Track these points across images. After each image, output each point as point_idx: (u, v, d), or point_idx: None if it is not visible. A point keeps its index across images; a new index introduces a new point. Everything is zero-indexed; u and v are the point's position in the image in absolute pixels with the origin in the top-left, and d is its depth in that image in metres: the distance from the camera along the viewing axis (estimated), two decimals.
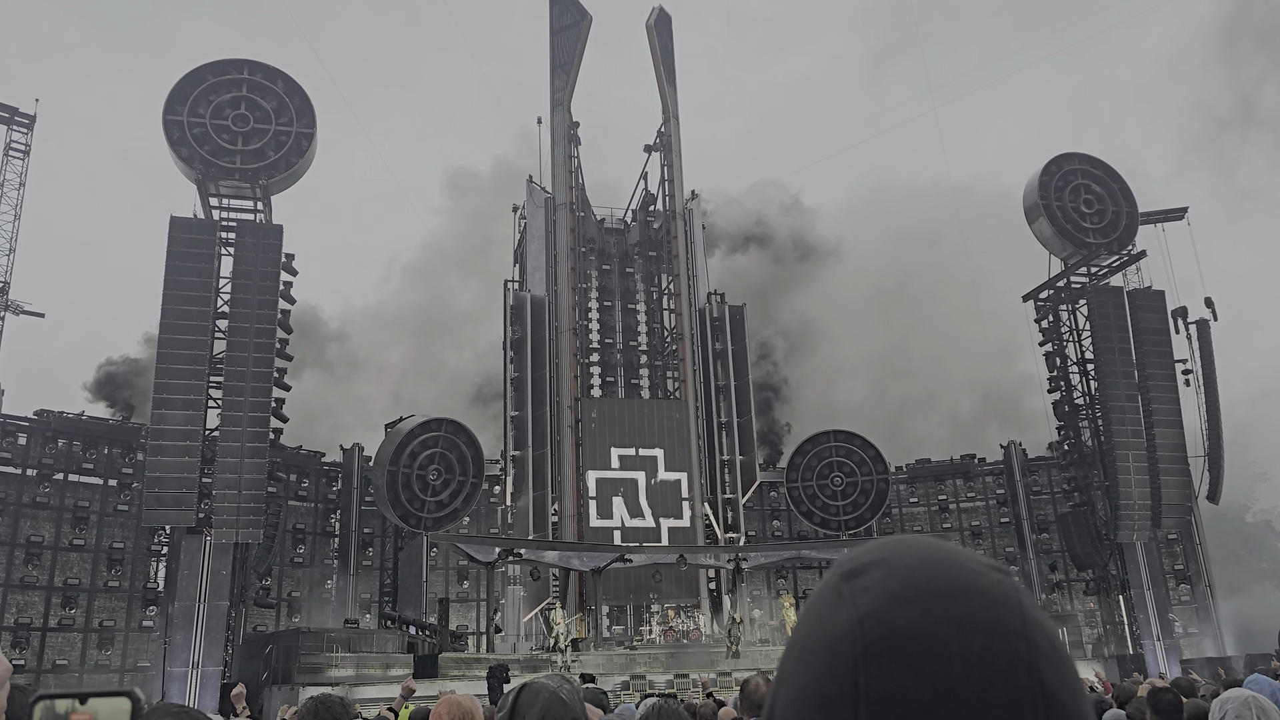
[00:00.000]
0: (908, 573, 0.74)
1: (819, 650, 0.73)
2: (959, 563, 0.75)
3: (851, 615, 0.72)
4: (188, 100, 34.90)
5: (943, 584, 0.72)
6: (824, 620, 0.75)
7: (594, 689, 9.87)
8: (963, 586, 0.72)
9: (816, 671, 0.72)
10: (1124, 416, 40.65)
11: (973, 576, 0.73)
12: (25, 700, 3.09)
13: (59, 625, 36.81)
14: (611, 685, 27.68)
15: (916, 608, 0.70)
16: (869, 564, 0.76)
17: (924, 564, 0.74)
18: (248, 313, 33.71)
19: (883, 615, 0.71)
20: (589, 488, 42.08)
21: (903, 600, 0.71)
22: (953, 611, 0.70)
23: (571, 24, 46.93)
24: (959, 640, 0.68)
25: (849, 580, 0.76)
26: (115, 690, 0.87)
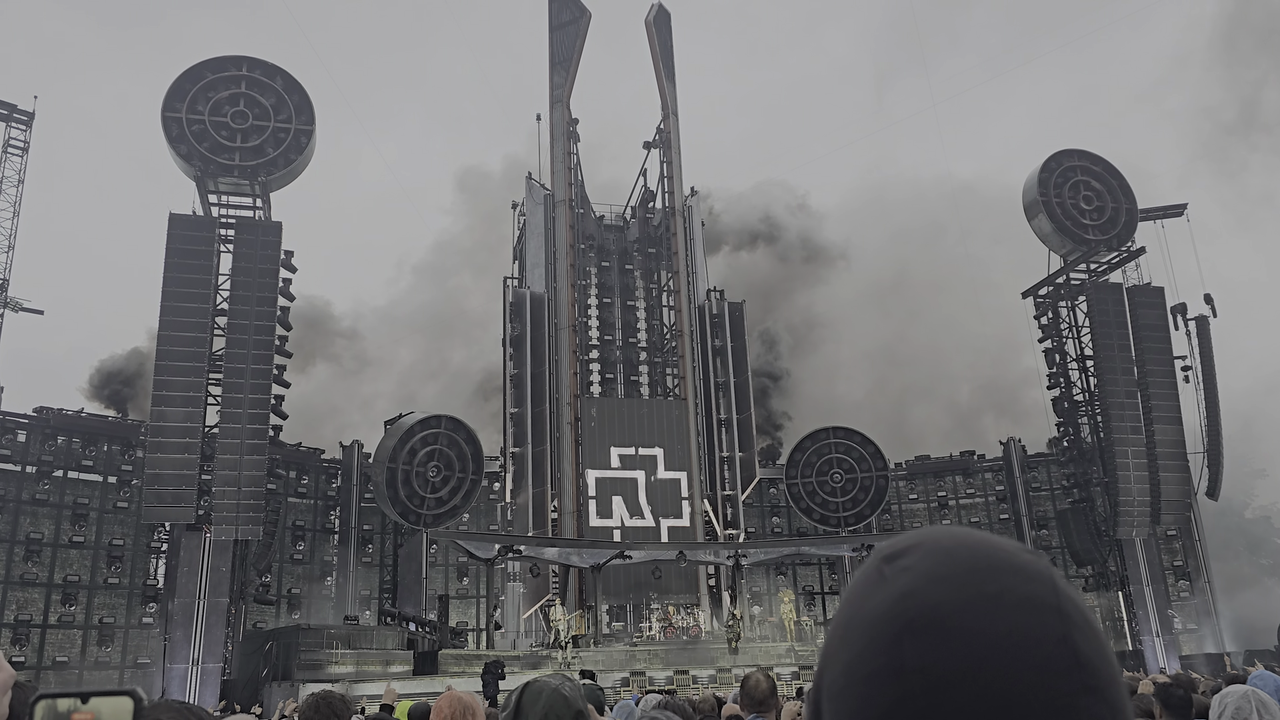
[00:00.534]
0: (944, 554, 0.77)
1: (861, 628, 0.77)
2: (993, 545, 0.79)
3: (891, 593, 0.76)
4: (186, 97, 34.85)
5: (977, 563, 0.76)
6: (864, 599, 0.78)
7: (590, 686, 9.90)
8: (996, 565, 0.76)
9: (859, 648, 0.76)
10: (1123, 413, 40.66)
11: (1006, 557, 0.78)
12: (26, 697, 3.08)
13: (59, 622, 36.82)
14: (611, 682, 27.71)
15: (952, 585, 0.75)
16: (907, 547, 0.80)
17: (959, 546, 0.78)
18: (247, 309, 33.69)
19: (920, 593, 0.75)
20: (588, 487, 42.05)
21: (939, 579, 0.75)
22: (987, 588, 0.74)
23: (570, 21, 46.87)
24: (993, 614, 0.73)
25: (889, 562, 0.79)
26: (117, 690, 0.87)
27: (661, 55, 48.07)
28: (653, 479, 42.66)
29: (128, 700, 0.87)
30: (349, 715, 4.76)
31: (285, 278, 35.35)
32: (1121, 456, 40.18)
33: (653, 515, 41.90)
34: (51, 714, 0.86)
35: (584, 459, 42.54)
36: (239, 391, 32.90)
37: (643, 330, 47.96)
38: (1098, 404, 41.99)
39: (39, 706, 0.86)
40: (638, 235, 48.74)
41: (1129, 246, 43.32)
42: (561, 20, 46.94)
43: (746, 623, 35.62)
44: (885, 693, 0.73)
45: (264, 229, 35.23)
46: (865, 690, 0.74)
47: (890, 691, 0.73)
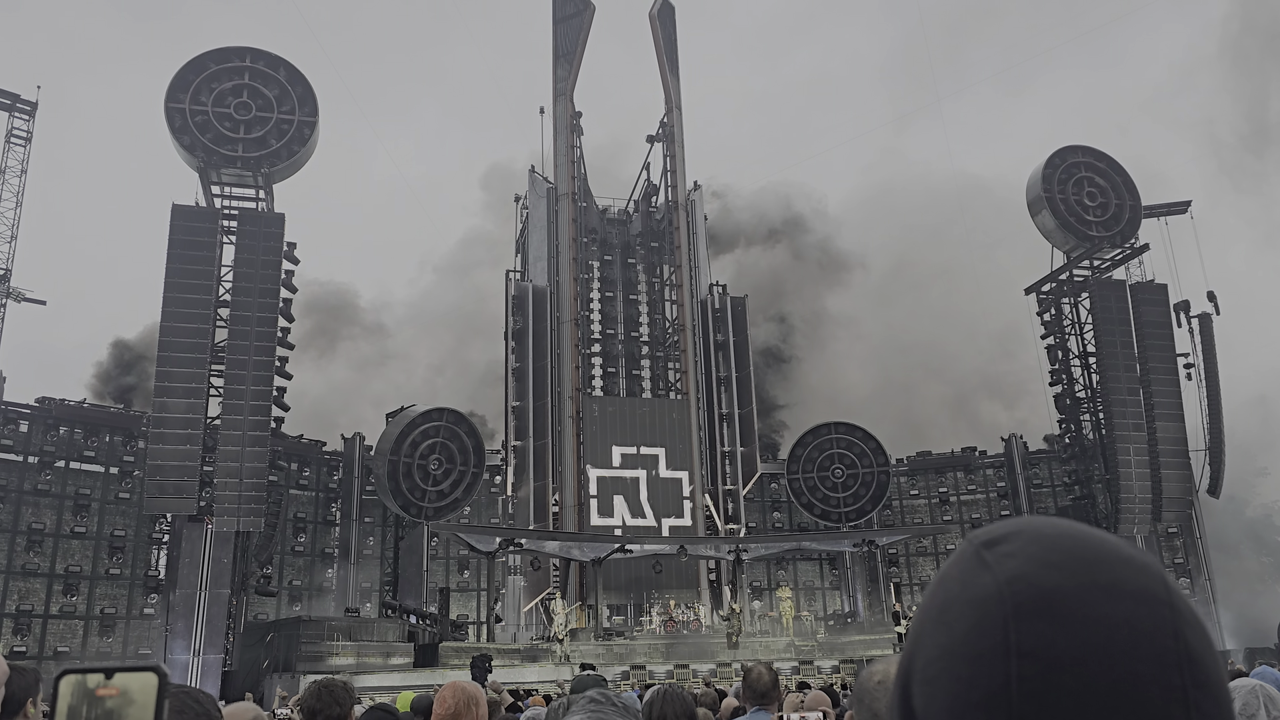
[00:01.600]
0: (1050, 541, 0.76)
1: (964, 610, 0.74)
2: (1099, 536, 0.77)
3: (997, 577, 0.74)
4: (190, 88, 34.82)
5: (1087, 552, 0.75)
6: (965, 583, 0.76)
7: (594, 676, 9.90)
8: (1107, 555, 0.75)
9: (963, 629, 0.74)
10: (1125, 410, 40.65)
11: (1114, 546, 0.76)
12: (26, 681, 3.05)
13: (60, 612, 36.93)
14: (611, 675, 27.75)
15: (1064, 572, 0.73)
16: (1007, 534, 0.78)
17: (1065, 534, 0.77)
18: (249, 301, 33.69)
19: (1030, 577, 0.73)
20: (590, 485, 41.96)
21: (1049, 565, 0.73)
22: (1099, 577, 0.73)
23: (574, 14, 46.81)
24: (1107, 603, 0.71)
25: (989, 548, 0.77)
26: (142, 665, 0.87)
27: (665, 49, 47.99)
28: (654, 478, 42.59)
29: (152, 676, 0.87)
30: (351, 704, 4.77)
31: (288, 269, 35.34)
32: (1123, 453, 40.19)
33: (654, 514, 41.83)
34: (78, 689, 0.85)
35: (585, 457, 42.48)
36: (241, 383, 32.92)
37: (645, 324, 47.95)
38: (1100, 401, 41.98)
39: (64, 682, 0.85)
40: (640, 229, 48.71)
41: (1132, 243, 43.27)
42: (565, 13, 46.88)
43: (746, 617, 35.67)
44: (993, 674, 0.71)
45: (266, 220, 35.21)
46: (970, 672, 0.72)
47: (998, 673, 0.70)
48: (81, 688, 0.85)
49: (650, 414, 44.10)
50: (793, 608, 37.34)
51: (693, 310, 45.99)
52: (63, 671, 0.86)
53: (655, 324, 48.18)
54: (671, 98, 48.03)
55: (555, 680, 24.92)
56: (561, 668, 28.13)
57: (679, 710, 3.42)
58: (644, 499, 42.12)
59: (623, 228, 48.87)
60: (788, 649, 33.05)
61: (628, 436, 43.07)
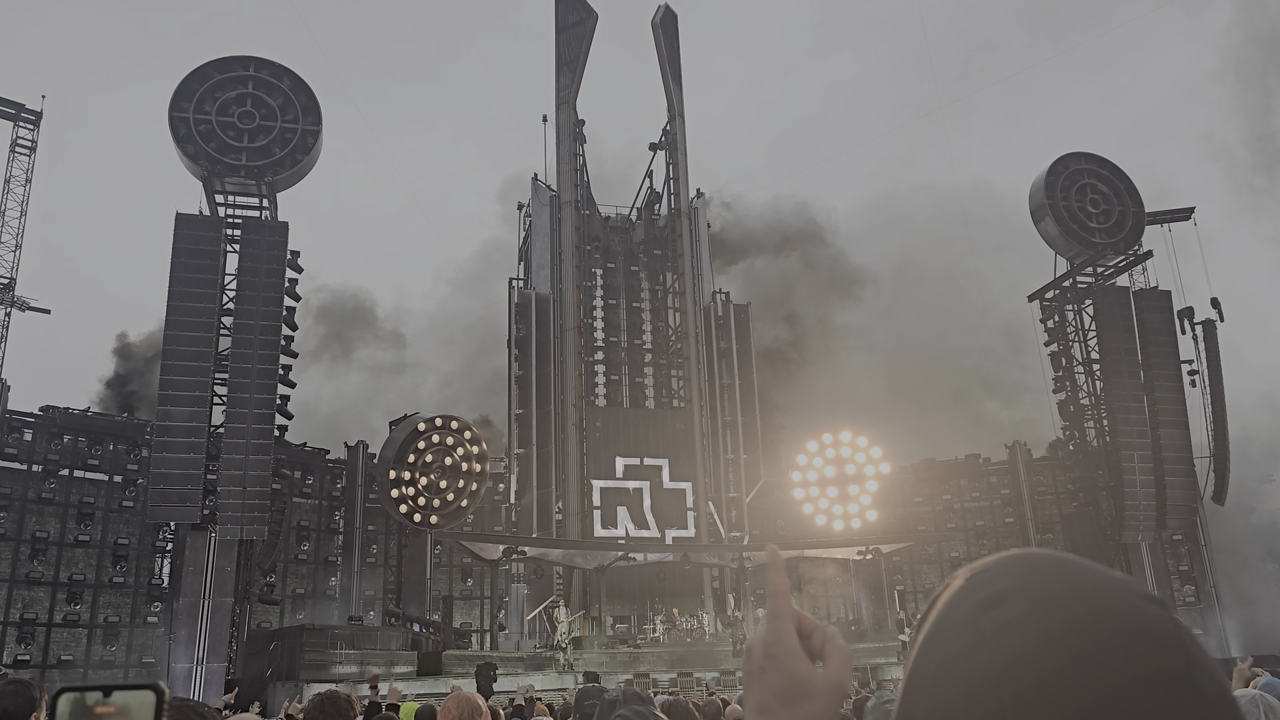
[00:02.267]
0: (1055, 606, 0.66)
1: (958, 688, 0.65)
2: (1110, 593, 0.67)
3: (995, 657, 0.64)
4: (194, 97, 34.94)
5: (1097, 622, 0.64)
6: (961, 656, 0.67)
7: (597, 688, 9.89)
8: (1118, 626, 0.64)
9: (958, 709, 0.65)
10: (1129, 417, 40.57)
11: (1128, 612, 0.65)
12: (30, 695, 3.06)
13: (64, 621, 36.92)
14: (615, 684, 27.68)
15: (1069, 653, 0.62)
16: (1007, 591, 0.68)
17: (1071, 594, 0.67)
18: (253, 310, 33.76)
19: (1031, 660, 0.63)
20: (593, 497, 41.77)
21: (1053, 642, 0.63)
22: (1109, 658, 0.62)
23: (577, 22, 46.91)
24: (1118, 692, 0.61)
25: (985, 611, 0.68)
26: (140, 683, 0.88)
27: (668, 57, 48.06)
28: (658, 489, 42.39)
29: (150, 694, 0.87)
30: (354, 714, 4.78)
31: (291, 278, 35.42)
32: (1127, 460, 40.09)
33: (658, 526, 41.47)
34: (75, 708, 0.86)
35: (589, 469, 42.19)
36: (244, 391, 32.98)
37: (648, 332, 47.92)
38: (1104, 408, 41.89)
39: (62, 699, 0.86)
40: (643, 236, 48.73)
41: (1136, 250, 43.23)
42: (568, 22, 46.98)
43: (750, 625, 35.57)
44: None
45: (270, 229, 35.30)
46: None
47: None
48: (80, 705, 0.86)
49: (654, 424, 43.96)
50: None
51: (695, 317, 45.98)
52: (60, 690, 0.87)
53: (658, 331, 48.15)
54: (674, 105, 48.08)
55: (559, 689, 24.87)
56: (565, 676, 28.09)
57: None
58: (647, 510, 41.84)
59: (625, 235, 48.89)
60: None
61: (631, 447, 42.88)
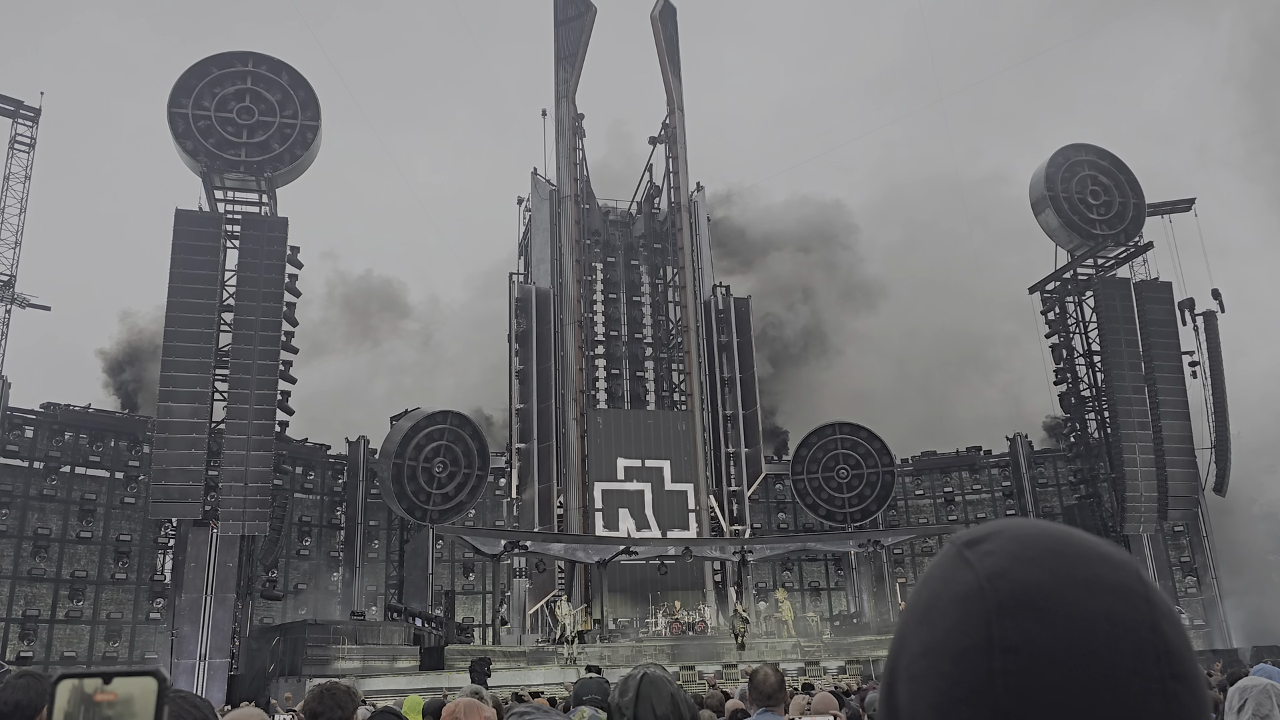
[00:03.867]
0: (1030, 539, 0.78)
1: (946, 608, 0.76)
2: (1076, 533, 0.79)
3: (979, 574, 0.76)
4: (192, 93, 34.87)
5: (1066, 548, 0.77)
6: (948, 581, 0.78)
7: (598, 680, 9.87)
8: (1085, 551, 0.77)
9: (946, 627, 0.76)
10: (1130, 408, 40.54)
11: (1092, 544, 0.78)
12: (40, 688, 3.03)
13: (66, 617, 36.97)
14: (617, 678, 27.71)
15: (1044, 568, 0.75)
16: (988, 534, 0.80)
17: (1044, 533, 0.78)
18: (253, 305, 33.71)
19: (1010, 573, 0.75)
20: (595, 499, 41.69)
21: (1029, 561, 0.75)
22: (1078, 573, 0.75)
23: (576, 16, 46.82)
24: (1087, 598, 0.73)
25: (970, 547, 0.79)
26: (141, 670, 0.85)
27: (667, 50, 47.98)
28: (659, 491, 42.32)
29: (151, 680, 0.85)
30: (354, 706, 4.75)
31: (291, 273, 35.39)
32: (1129, 452, 40.07)
33: (659, 527, 41.35)
34: (75, 695, 0.84)
35: (590, 471, 42.07)
36: (245, 387, 32.95)
37: (648, 326, 47.91)
38: (1105, 399, 41.88)
39: (62, 686, 0.84)
40: (643, 230, 48.70)
41: (1136, 241, 43.16)
42: (567, 15, 46.90)
43: (752, 618, 35.63)
44: (976, 670, 0.73)
45: (270, 224, 35.24)
46: (954, 668, 0.74)
47: (982, 669, 0.72)
48: (79, 693, 0.84)
49: (655, 426, 43.87)
50: (792, 609, 37.30)
51: (696, 311, 45.95)
52: (60, 676, 0.84)
53: (659, 325, 48.14)
54: (673, 99, 48.02)
55: (561, 683, 24.89)
56: (567, 670, 28.12)
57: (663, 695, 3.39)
58: (649, 512, 41.74)
59: (625, 229, 48.84)
60: (794, 650, 33.01)
61: (632, 449, 42.80)
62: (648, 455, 42.79)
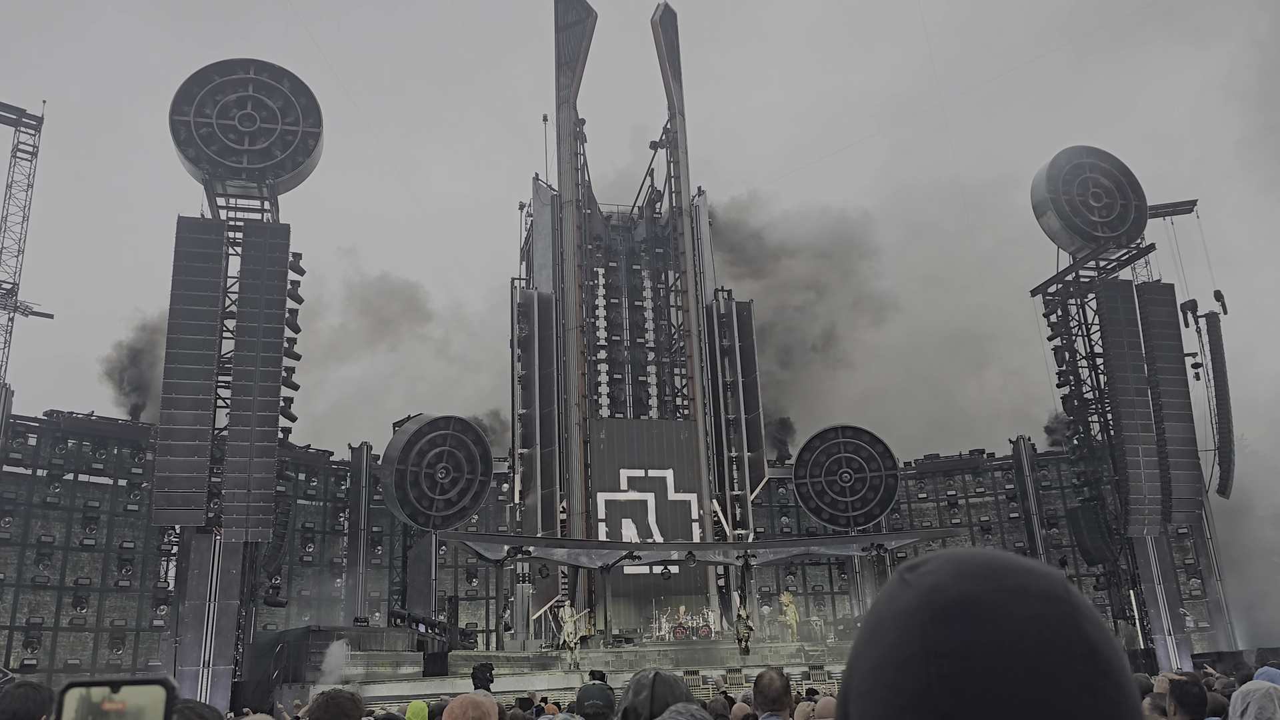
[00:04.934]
0: (963, 558, 0.85)
1: (890, 624, 0.82)
2: (1006, 553, 0.87)
3: (918, 590, 0.82)
4: (194, 100, 34.92)
5: (994, 563, 0.83)
6: (890, 601, 0.84)
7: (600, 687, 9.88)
8: (1012, 565, 0.83)
9: (889, 640, 0.81)
10: (1133, 410, 40.45)
11: (1021, 560, 0.84)
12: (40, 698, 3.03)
13: (70, 625, 36.99)
14: (620, 683, 27.66)
15: (975, 580, 0.81)
16: (927, 559, 0.87)
17: (976, 554, 0.86)
18: (255, 312, 33.73)
19: (945, 586, 0.81)
20: (598, 509, 41.57)
21: (962, 575, 0.82)
22: (1006, 582, 0.81)
23: (576, 21, 46.88)
24: (1015, 604, 0.79)
25: (911, 571, 0.86)
26: (149, 679, 0.86)
27: (668, 55, 48.03)
28: (662, 501, 42.21)
29: (159, 689, 0.86)
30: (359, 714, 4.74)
31: (293, 280, 35.41)
32: (1132, 454, 39.99)
33: (662, 537, 41.16)
34: (83, 703, 0.84)
35: (593, 481, 41.93)
36: (248, 394, 32.96)
37: (651, 330, 47.90)
38: (1108, 402, 41.80)
39: (70, 695, 0.84)
40: (645, 235, 48.71)
41: (1138, 243, 43.10)
42: (567, 21, 46.95)
43: (756, 622, 35.57)
44: (916, 678, 0.78)
45: (272, 231, 35.28)
46: (897, 679, 0.79)
47: (921, 675, 0.77)
48: (87, 702, 0.84)
49: (658, 435, 43.77)
50: (796, 613, 37.22)
51: (698, 315, 45.92)
52: (68, 685, 0.85)
53: (661, 330, 48.11)
54: (674, 104, 48.05)
55: (565, 688, 24.87)
56: (571, 675, 28.08)
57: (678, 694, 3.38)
58: (652, 522, 41.58)
59: (627, 234, 48.85)
60: (798, 654, 32.94)
61: (635, 459, 42.69)
62: (651, 465, 42.68)
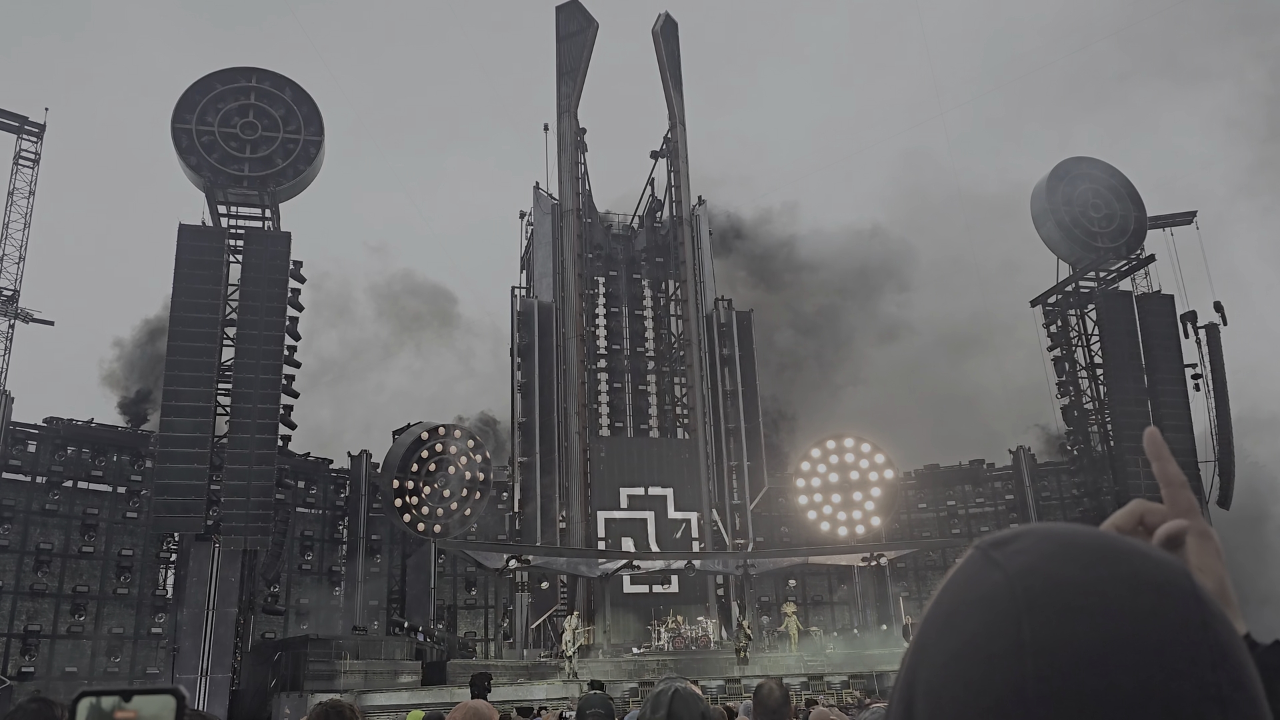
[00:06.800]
0: (1065, 536, 0.70)
1: (972, 610, 0.67)
2: (1114, 534, 0.73)
3: (1008, 573, 0.67)
4: (196, 108, 35.03)
5: (1104, 545, 0.69)
6: (973, 583, 0.69)
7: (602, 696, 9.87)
8: (1125, 549, 0.69)
9: (971, 630, 0.66)
10: (1133, 421, 40.45)
11: (1135, 544, 0.70)
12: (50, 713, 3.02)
13: (68, 632, 36.92)
14: (620, 692, 27.60)
15: (1079, 564, 0.66)
16: (1017, 534, 0.72)
17: (1079, 531, 0.71)
18: (256, 320, 33.76)
19: (1041, 570, 0.66)
20: (598, 528, 41.42)
21: (1064, 558, 0.67)
22: (1119, 569, 0.66)
23: (578, 31, 47.04)
24: (1129, 595, 0.64)
25: (997, 548, 0.71)
26: (160, 688, 0.86)
27: (669, 65, 48.18)
28: (662, 519, 42.09)
29: (170, 699, 0.86)
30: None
31: (294, 288, 35.45)
32: (1132, 465, 39.97)
33: (663, 562, 41.16)
34: (94, 712, 0.85)
35: (593, 500, 41.79)
36: (248, 401, 32.97)
37: (650, 339, 47.94)
38: (1108, 412, 41.80)
39: (82, 704, 0.85)
40: (645, 244, 48.79)
41: (1138, 254, 43.17)
42: (569, 30, 47.11)
43: (755, 632, 35.50)
44: (1006, 676, 0.63)
45: (273, 239, 35.34)
46: (981, 675, 0.64)
47: (1012, 674, 0.63)
48: (98, 710, 0.85)
49: (658, 454, 43.69)
50: (797, 624, 37.15)
51: (698, 325, 45.96)
52: (80, 694, 0.86)
53: (661, 339, 48.16)
54: (675, 113, 48.18)
55: (564, 697, 24.81)
56: (570, 685, 28.01)
57: (695, 712, 3.37)
58: (652, 540, 41.40)
59: (628, 243, 48.94)
60: (797, 664, 32.88)
61: (635, 476, 42.60)
62: (650, 483, 42.60)
